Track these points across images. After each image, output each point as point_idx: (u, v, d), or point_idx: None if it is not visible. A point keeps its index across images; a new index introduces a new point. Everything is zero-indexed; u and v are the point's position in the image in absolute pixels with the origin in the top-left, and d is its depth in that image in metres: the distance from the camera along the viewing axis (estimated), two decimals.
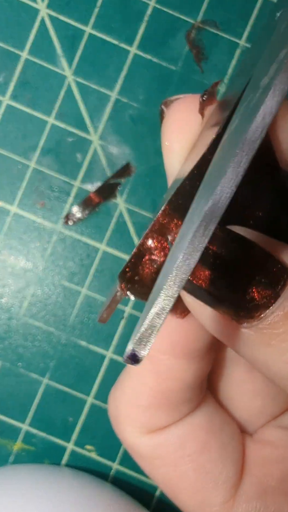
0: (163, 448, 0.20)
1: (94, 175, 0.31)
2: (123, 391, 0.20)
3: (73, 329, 0.31)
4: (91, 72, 0.31)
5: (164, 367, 0.18)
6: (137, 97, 0.31)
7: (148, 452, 0.20)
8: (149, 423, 0.20)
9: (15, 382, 0.30)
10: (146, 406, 0.19)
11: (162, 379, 0.19)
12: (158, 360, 0.18)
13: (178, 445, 0.20)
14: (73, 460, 0.31)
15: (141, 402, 0.19)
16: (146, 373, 0.19)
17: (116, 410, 0.20)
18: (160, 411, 0.19)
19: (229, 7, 0.31)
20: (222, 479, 0.20)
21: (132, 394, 0.20)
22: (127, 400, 0.20)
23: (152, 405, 0.19)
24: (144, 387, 0.19)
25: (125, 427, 0.20)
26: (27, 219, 0.31)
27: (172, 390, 0.19)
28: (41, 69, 0.30)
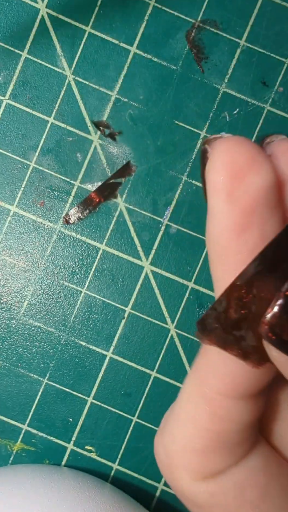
0: (221, 495, 0.19)
1: (94, 175, 0.31)
2: (174, 436, 0.19)
3: (73, 329, 0.31)
4: (91, 72, 0.31)
5: (222, 410, 0.18)
6: (137, 97, 0.31)
7: (205, 500, 0.19)
8: (204, 468, 0.19)
9: (15, 382, 0.30)
10: (201, 450, 0.18)
11: (219, 420, 0.18)
12: (216, 402, 0.18)
13: (237, 491, 0.19)
14: (73, 461, 0.31)
15: (195, 445, 0.18)
16: (202, 414, 0.18)
17: (167, 457, 0.19)
18: (215, 454, 0.18)
19: (229, 6, 0.31)
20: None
21: (185, 440, 0.19)
22: (180, 445, 0.19)
23: (207, 448, 0.18)
24: (199, 429, 0.18)
25: (179, 474, 0.19)
26: (27, 218, 0.31)
27: (229, 432, 0.18)
28: (41, 68, 0.30)
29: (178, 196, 0.31)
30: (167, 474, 0.19)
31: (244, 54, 0.31)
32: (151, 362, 0.31)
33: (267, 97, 0.31)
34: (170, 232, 0.31)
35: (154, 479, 0.31)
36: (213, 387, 0.17)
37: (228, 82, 0.31)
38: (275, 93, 0.31)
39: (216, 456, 0.18)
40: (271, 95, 0.31)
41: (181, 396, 0.19)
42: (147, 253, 0.31)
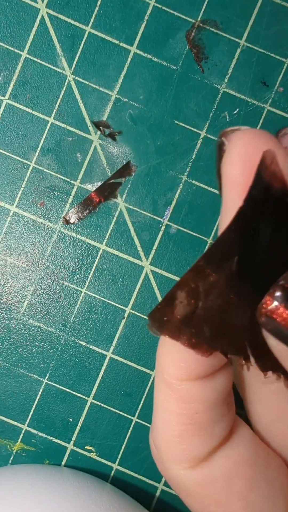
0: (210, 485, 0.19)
1: (94, 175, 0.31)
2: (156, 428, 0.20)
3: (73, 329, 0.31)
4: (91, 72, 0.31)
5: (184, 392, 0.18)
6: (137, 97, 0.31)
7: (195, 489, 0.19)
8: (188, 454, 0.19)
9: (15, 382, 0.30)
10: (178, 435, 0.19)
11: (184, 403, 0.18)
12: (177, 386, 0.18)
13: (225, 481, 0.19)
14: (73, 461, 0.31)
15: (172, 432, 0.19)
16: (169, 400, 0.19)
17: (157, 450, 0.20)
18: (194, 438, 0.19)
19: (229, 6, 0.31)
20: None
21: (163, 427, 0.19)
22: (162, 437, 0.19)
23: (184, 433, 0.19)
24: (171, 416, 0.19)
25: (168, 464, 0.19)
26: (27, 219, 0.31)
27: (198, 412, 0.18)
28: (41, 68, 0.30)
29: (178, 196, 0.31)
30: (159, 466, 0.20)
31: (244, 54, 0.31)
32: (151, 362, 0.31)
33: (267, 97, 0.31)
34: (170, 232, 0.31)
35: (154, 479, 0.31)
36: (170, 373, 0.18)
37: (228, 82, 0.31)
38: (275, 93, 0.31)
39: (194, 440, 0.19)
40: (271, 95, 0.31)
41: (154, 388, 0.19)
42: (147, 253, 0.31)
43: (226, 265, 0.16)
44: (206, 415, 0.18)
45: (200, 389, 0.18)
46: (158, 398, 0.19)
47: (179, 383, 0.18)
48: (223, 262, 0.16)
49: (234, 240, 0.16)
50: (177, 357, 0.18)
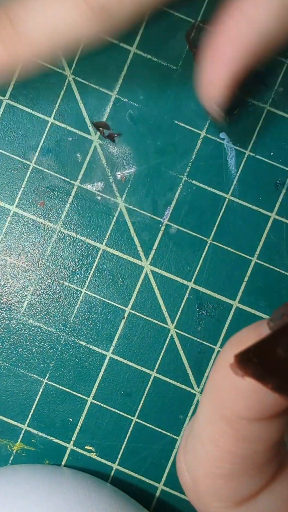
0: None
1: (94, 175, 0.31)
2: (199, 462, 0.17)
3: (73, 329, 0.31)
4: (91, 72, 0.31)
5: (247, 432, 0.16)
6: (137, 97, 0.31)
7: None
8: (234, 493, 0.17)
9: (15, 382, 0.30)
10: (228, 475, 0.17)
11: (243, 443, 0.17)
12: (239, 424, 0.16)
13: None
14: (73, 461, 0.31)
15: (222, 470, 0.17)
16: (225, 437, 0.17)
17: (194, 484, 0.18)
18: (244, 478, 0.17)
19: None
20: None
21: (210, 463, 0.17)
22: (205, 471, 0.17)
23: (234, 472, 0.17)
24: (223, 453, 0.17)
25: (208, 501, 0.18)
26: (27, 219, 0.31)
27: (255, 453, 0.17)
28: (41, 68, 0.30)
29: (178, 196, 0.31)
30: (194, 500, 0.18)
31: None
32: (151, 362, 0.31)
33: (267, 97, 0.31)
34: (170, 232, 0.31)
35: (154, 479, 0.31)
36: (236, 411, 0.16)
37: None
38: (275, 93, 0.31)
39: (244, 480, 0.17)
40: (271, 95, 0.31)
41: (200, 415, 0.17)
42: (147, 253, 0.31)
43: None
44: (265, 455, 0.17)
45: (266, 429, 0.16)
46: (208, 431, 0.17)
47: (245, 423, 0.16)
48: None
49: None
50: (252, 397, 0.16)
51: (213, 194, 0.31)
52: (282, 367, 0.15)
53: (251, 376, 0.16)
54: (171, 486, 0.31)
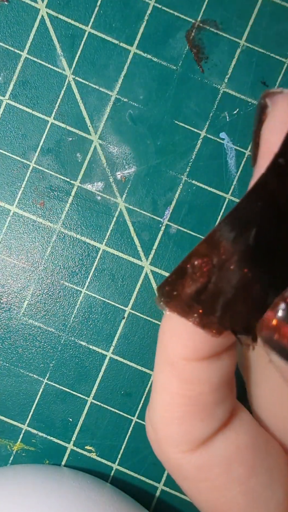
0: (208, 470, 0.18)
1: (94, 175, 0.31)
2: (155, 410, 0.19)
3: (73, 329, 0.31)
4: (91, 72, 0.31)
5: (189, 373, 0.17)
6: (137, 97, 0.31)
7: (193, 473, 0.19)
8: (187, 436, 0.18)
9: (15, 382, 0.30)
10: (180, 417, 0.18)
11: (187, 384, 0.17)
12: (181, 366, 0.17)
13: (224, 466, 0.18)
14: (73, 461, 0.31)
15: (173, 413, 0.18)
16: (172, 381, 0.18)
17: (154, 431, 0.19)
18: (195, 420, 0.18)
19: (229, 6, 0.31)
20: (273, 505, 0.18)
21: (163, 409, 0.18)
22: (161, 418, 0.18)
23: (185, 414, 0.18)
24: (173, 397, 0.18)
25: (166, 447, 0.19)
26: (27, 219, 0.31)
27: (201, 394, 0.18)
28: (41, 68, 0.30)
29: (178, 196, 0.31)
30: (156, 449, 0.19)
31: (244, 54, 0.31)
32: (151, 362, 0.31)
33: None
34: (170, 232, 0.31)
35: (154, 479, 0.31)
36: (176, 352, 0.17)
37: (228, 82, 0.31)
38: None
39: (196, 422, 0.18)
40: None
41: (155, 368, 0.18)
42: (147, 253, 0.31)
43: (243, 237, 0.15)
44: (210, 396, 0.18)
45: (206, 369, 0.17)
46: (159, 378, 0.18)
47: (184, 363, 0.17)
48: (241, 233, 0.14)
49: (254, 210, 0.14)
50: (184, 336, 0.17)
51: (213, 194, 0.31)
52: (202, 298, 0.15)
53: (173, 309, 0.16)
54: (171, 486, 0.31)
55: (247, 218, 0.14)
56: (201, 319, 0.16)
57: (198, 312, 0.16)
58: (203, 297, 0.15)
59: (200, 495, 0.19)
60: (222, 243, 0.15)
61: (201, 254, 0.15)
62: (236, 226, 0.15)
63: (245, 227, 0.14)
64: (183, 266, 0.15)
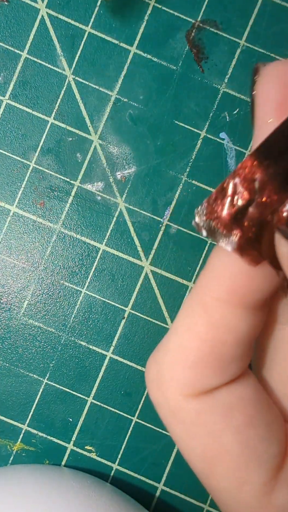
0: (208, 415, 0.18)
1: (94, 175, 0.31)
2: (168, 350, 0.18)
3: (73, 329, 0.31)
4: (91, 72, 0.31)
5: (219, 316, 0.17)
6: (137, 97, 0.31)
7: (191, 417, 0.18)
8: (197, 382, 0.18)
9: (15, 382, 0.30)
10: (194, 361, 0.18)
11: (215, 329, 0.17)
12: (214, 307, 0.17)
13: (224, 413, 0.18)
14: (73, 461, 0.31)
15: (189, 357, 0.18)
16: (198, 322, 0.17)
17: (158, 372, 0.18)
18: (209, 368, 0.18)
19: (229, 6, 0.31)
20: (266, 458, 0.18)
21: (178, 350, 0.18)
22: (173, 359, 0.18)
23: (201, 360, 0.18)
24: (194, 339, 0.17)
25: (169, 389, 0.18)
26: (27, 219, 0.31)
27: (224, 343, 0.17)
28: (41, 68, 0.30)
29: (178, 196, 0.31)
30: (153, 389, 0.19)
31: (244, 54, 0.31)
32: None
33: None
34: (170, 232, 0.31)
35: (154, 479, 0.31)
36: (212, 292, 0.17)
37: (228, 82, 0.31)
38: None
39: (209, 370, 0.18)
40: None
41: (181, 310, 0.18)
42: (147, 253, 0.31)
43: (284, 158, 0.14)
44: (231, 349, 0.17)
45: (237, 318, 0.17)
46: (183, 319, 0.18)
47: (218, 305, 0.17)
48: (282, 154, 0.14)
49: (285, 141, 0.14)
50: (225, 275, 0.16)
51: None
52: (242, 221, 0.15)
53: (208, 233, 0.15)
54: (171, 486, 0.31)
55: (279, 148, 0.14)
56: (240, 243, 0.15)
57: (239, 234, 0.15)
58: (243, 221, 0.15)
59: (193, 440, 0.19)
60: (265, 162, 0.14)
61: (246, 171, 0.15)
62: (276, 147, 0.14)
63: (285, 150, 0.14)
64: (226, 184, 0.15)
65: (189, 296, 0.18)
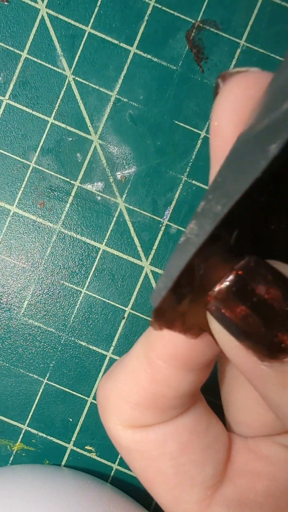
0: (143, 444, 0.20)
1: (94, 175, 0.31)
2: (115, 383, 0.20)
3: (73, 329, 0.31)
4: (91, 72, 0.31)
5: (162, 375, 0.18)
6: (137, 97, 0.31)
7: (128, 445, 0.20)
8: (134, 419, 0.20)
9: (15, 382, 0.30)
10: (135, 403, 0.19)
11: (157, 384, 0.19)
12: (157, 367, 0.18)
13: (159, 443, 0.20)
14: (73, 461, 0.31)
15: (130, 399, 0.19)
16: (143, 374, 0.19)
17: (105, 400, 0.20)
18: (147, 411, 0.19)
19: (229, 6, 0.31)
20: (199, 480, 0.20)
21: (123, 389, 0.19)
22: (118, 393, 0.20)
23: (142, 404, 0.19)
24: (137, 387, 0.19)
25: (110, 417, 0.20)
26: (27, 219, 0.31)
27: (164, 397, 0.19)
28: (41, 68, 0.30)
29: (178, 196, 0.31)
30: (101, 413, 0.20)
31: (244, 54, 0.31)
32: None
33: None
34: (170, 232, 0.31)
35: None
36: (157, 352, 0.18)
37: None
38: None
39: (147, 413, 0.19)
40: None
41: (132, 350, 0.19)
42: (147, 253, 0.31)
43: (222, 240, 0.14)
44: (170, 401, 0.19)
45: (178, 379, 0.18)
46: (133, 362, 0.19)
47: (161, 365, 0.18)
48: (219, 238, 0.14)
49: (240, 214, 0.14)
50: (169, 340, 0.18)
51: None
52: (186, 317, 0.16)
53: (164, 326, 0.16)
54: None
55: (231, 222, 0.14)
56: (183, 327, 0.16)
57: (182, 320, 0.16)
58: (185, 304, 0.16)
59: (132, 462, 0.20)
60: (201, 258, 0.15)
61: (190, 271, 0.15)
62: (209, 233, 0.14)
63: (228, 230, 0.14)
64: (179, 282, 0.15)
65: (140, 341, 0.19)
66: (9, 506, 0.26)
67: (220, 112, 0.15)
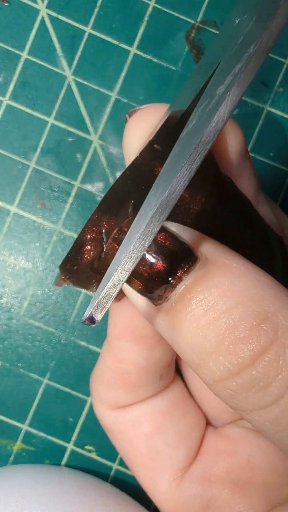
0: (121, 424, 0.23)
1: (94, 175, 0.31)
2: (95, 371, 0.23)
3: (73, 329, 0.31)
4: (91, 72, 0.31)
5: (119, 351, 0.21)
6: (137, 97, 0.31)
7: (110, 426, 0.23)
8: (111, 400, 0.23)
9: (15, 382, 0.30)
10: (108, 385, 0.22)
11: (118, 361, 0.22)
12: (114, 344, 0.21)
13: (133, 424, 0.23)
14: (73, 461, 0.31)
15: (104, 381, 0.22)
16: (107, 355, 0.22)
17: (91, 386, 0.24)
18: (120, 391, 0.22)
19: (229, 7, 0.31)
20: (171, 461, 0.22)
21: (99, 374, 0.23)
22: (96, 379, 0.23)
23: (113, 384, 0.22)
24: (106, 369, 0.22)
25: (95, 403, 0.24)
26: (27, 219, 0.31)
27: (127, 373, 0.22)
28: (41, 69, 0.30)
29: None
30: (93, 401, 0.24)
31: None
32: None
33: (267, 97, 0.31)
34: None
35: None
36: (111, 332, 0.22)
37: None
38: (275, 94, 0.31)
39: (120, 392, 0.22)
40: (271, 96, 0.31)
41: None
42: None
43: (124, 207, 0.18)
44: (135, 377, 0.22)
45: (133, 352, 0.21)
46: (102, 351, 0.23)
47: (116, 342, 0.21)
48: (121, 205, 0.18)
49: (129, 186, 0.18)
50: (112, 314, 0.21)
51: None
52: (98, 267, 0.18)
53: (75, 284, 0.19)
54: None
55: (125, 193, 0.18)
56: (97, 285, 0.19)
57: (98, 279, 0.18)
58: (96, 265, 0.18)
59: (116, 443, 0.24)
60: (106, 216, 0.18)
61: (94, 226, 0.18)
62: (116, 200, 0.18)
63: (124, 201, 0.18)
64: (79, 242, 0.18)
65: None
66: (9, 506, 0.26)
67: (128, 136, 0.20)
